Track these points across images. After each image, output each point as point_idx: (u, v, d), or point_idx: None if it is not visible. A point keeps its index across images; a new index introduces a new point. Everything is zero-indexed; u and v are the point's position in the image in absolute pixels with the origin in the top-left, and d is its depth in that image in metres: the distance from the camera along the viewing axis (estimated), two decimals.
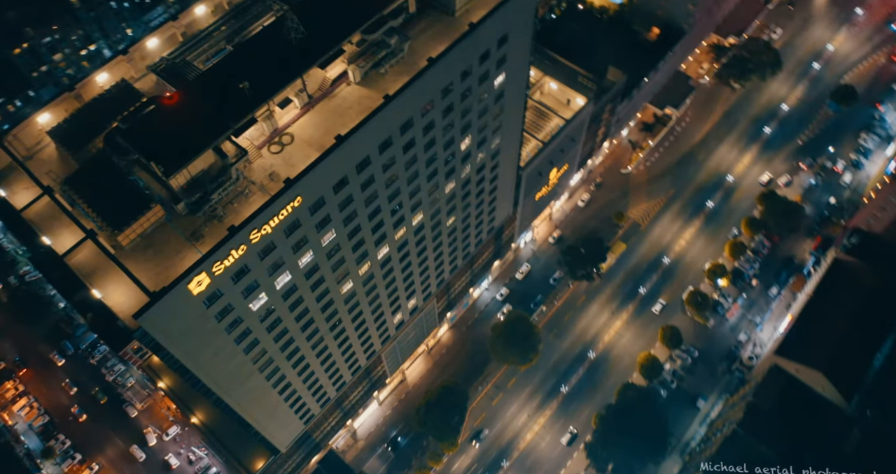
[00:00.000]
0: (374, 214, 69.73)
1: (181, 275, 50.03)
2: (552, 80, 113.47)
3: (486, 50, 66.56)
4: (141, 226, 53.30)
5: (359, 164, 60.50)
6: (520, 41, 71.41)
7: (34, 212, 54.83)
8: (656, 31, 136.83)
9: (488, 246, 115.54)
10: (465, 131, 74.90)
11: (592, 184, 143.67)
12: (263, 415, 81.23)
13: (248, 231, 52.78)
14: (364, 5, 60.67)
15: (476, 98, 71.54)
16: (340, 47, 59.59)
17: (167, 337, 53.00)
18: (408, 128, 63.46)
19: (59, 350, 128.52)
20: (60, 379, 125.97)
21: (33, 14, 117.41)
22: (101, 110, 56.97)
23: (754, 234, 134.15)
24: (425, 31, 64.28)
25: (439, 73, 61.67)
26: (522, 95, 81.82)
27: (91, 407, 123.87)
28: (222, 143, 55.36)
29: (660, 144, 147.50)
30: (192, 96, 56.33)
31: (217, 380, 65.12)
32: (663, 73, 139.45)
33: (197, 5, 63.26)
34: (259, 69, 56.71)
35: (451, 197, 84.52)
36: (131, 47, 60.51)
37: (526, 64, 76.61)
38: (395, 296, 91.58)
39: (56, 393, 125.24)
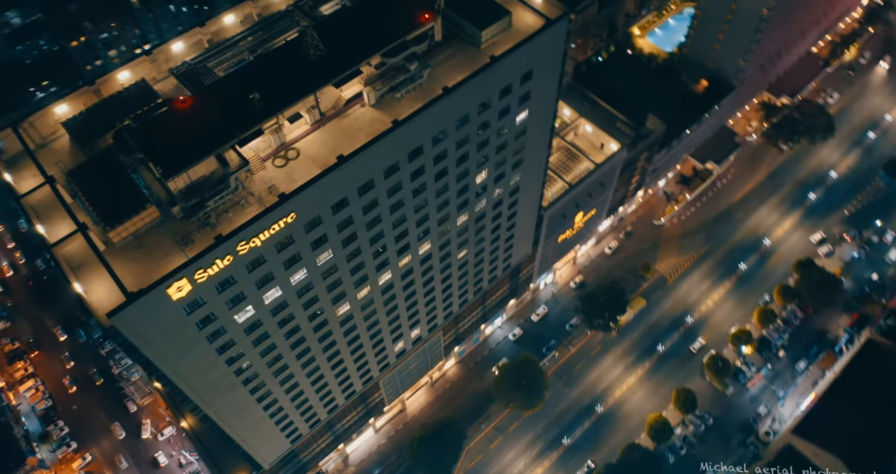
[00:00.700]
0: (377, 239, 68.52)
1: (160, 279, 49.53)
2: (588, 123, 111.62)
3: (508, 85, 65.42)
4: (134, 225, 53.22)
5: (361, 187, 59.59)
6: (546, 79, 70.10)
7: (36, 199, 55.45)
8: (704, 84, 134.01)
9: (503, 283, 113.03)
10: (481, 165, 73.51)
11: (622, 233, 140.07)
12: (245, 429, 79.84)
13: (235, 242, 52.12)
14: (387, 28, 60.46)
15: (495, 132, 70.25)
16: (358, 68, 59.26)
17: (142, 339, 52.36)
18: (417, 156, 62.43)
19: (71, 337, 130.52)
20: (68, 366, 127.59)
21: (94, 9, 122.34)
22: (117, 107, 57.73)
23: (787, 303, 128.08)
24: (448, 60, 63.59)
25: (454, 104, 60.69)
26: (547, 134, 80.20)
27: (92, 396, 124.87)
28: (226, 152, 55.25)
29: (697, 199, 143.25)
30: (204, 102, 56.62)
31: (195, 389, 64.16)
32: (707, 126, 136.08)
33: (226, 14, 64.19)
34: (273, 82, 56.73)
35: (462, 229, 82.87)
36: (156, 49, 61.50)
37: (552, 103, 75.14)
38: (396, 323, 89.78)
39: (62, 379, 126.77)
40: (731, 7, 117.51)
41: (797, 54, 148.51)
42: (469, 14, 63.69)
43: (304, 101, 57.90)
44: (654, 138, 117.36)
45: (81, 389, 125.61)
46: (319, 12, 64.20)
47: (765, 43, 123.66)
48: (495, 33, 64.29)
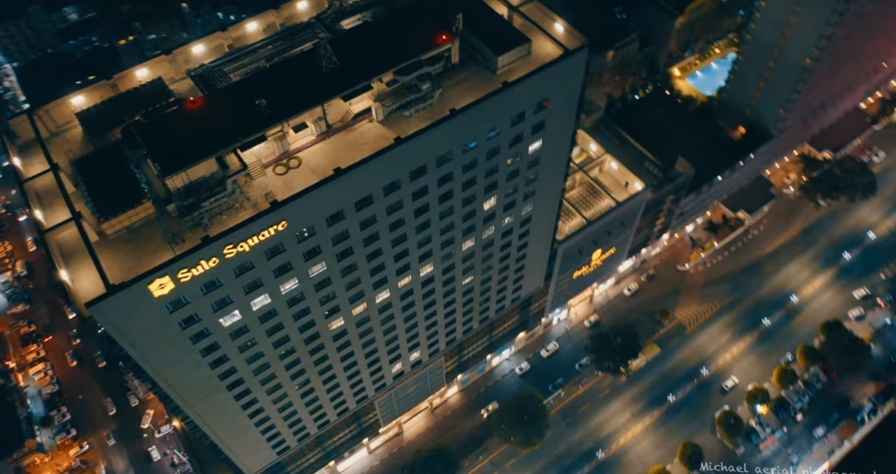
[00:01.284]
0: (374, 256, 67.83)
1: (142, 275, 49.64)
2: (614, 160, 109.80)
3: (521, 112, 64.60)
4: (129, 219, 53.67)
5: (359, 202, 59.17)
6: (562, 110, 69.07)
7: (41, 185, 56.49)
8: (742, 131, 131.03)
9: (512, 315, 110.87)
10: (489, 191, 72.49)
11: (644, 275, 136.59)
12: (229, 435, 79.14)
13: (221, 244, 52.02)
14: (403, 46, 60.54)
15: (505, 159, 69.30)
16: (369, 84, 59.30)
17: (120, 333, 52.38)
18: (419, 176, 61.81)
19: (84, 324, 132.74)
20: (80, 353, 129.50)
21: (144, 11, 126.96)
22: (131, 103, 58.86)
23: (810, 365, 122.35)
24: (462, 83, 63.23)
25: (461, 127, 60.08)
26: (562, 166, 78.83)
27: (98, 386, 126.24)
28: (227, 155, 55.57)
29: (725, 248, 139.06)
30: (213, 104, 57.32)
31: (177, 388, 63.87)
32: (742, 174, 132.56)
33: (249, 21, 65.30)
34: (282, 91, 57.17)
35: (468, 255, 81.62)
36: (176, 49, 62.78)
37: (569, 134, 73.92)
38: (394, 344, 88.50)
39: (71, 365, 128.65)
40: (774, 55, 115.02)
41: (843, 109, 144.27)
42: (488, 39, 63.36)
43: (311, 111, 58.05)
44: (682, 181, 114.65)
45: (88, 378, 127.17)
46: (340, 26, 64.77)
47: (808, 94, 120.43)
48: (513, 60, 63.73)
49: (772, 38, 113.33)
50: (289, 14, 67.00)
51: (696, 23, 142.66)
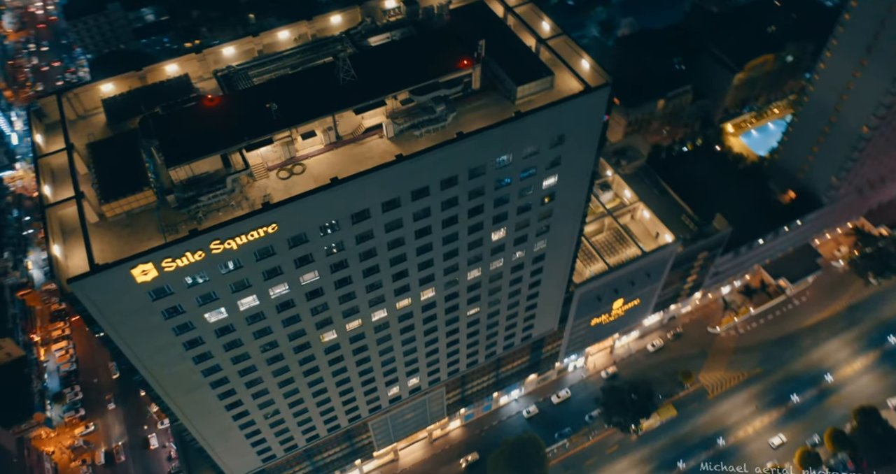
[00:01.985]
0: (371, 272, 67.30)
1: (125, 259, 50.55)
2: (647, 209, 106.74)
3: (535, 145, 63.54)
4: (129, 204, 55.04)
5: (355, 215, 59.01)
6: (581, 148, 67.66)
7: (57, 163, 58.68)
8: (791, 195, 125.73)
9: (522, 354, 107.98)
10: (499, 222, 71.26)
11: (671, 333, 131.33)
12: (211, 433, 78.97)
13: (208, 239, 52.54)
14: (423, 67, 60.81)
15: (516, 191, 68.16)
16: (382, 100, 59.64)
17: (101, 313, 53.25)
18: (421, 196, 61.28)
19: None
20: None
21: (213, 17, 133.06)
22: (155, 95, 60.94)
23: (838, 451, 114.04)
24: (479, 109, 62.85)
25: (467, 151, 59.51)
26: (580, 206, 76.93)
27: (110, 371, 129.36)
28: (232, 154, 56.54)
29: (761, 315, 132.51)
30: (229, 104, 58.72)
31: (158, 378, 64.32)
32: (787, 240, 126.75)
33: (281, 30, 67.06)
34: (296, 98, 58.07)
35: (474, 285, 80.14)
36: (207, 49, 64.90)
37: (588, 174, 72.23)
38: (391, 367, 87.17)
39: (91, 347, 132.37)
40: (831, 119, 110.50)
41: None
42: (510, 68, 63.00)
43: (322, 120, 58.67)
44: (718, 239, 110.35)
45: (105, 362, 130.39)
46: (367, 43, 65.70)
47: (864, 164, 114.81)
48: (534, 92, 63.05)
49: (829, 102, 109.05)
50: (321, 26, 68.49)
51: (757, 81, 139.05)
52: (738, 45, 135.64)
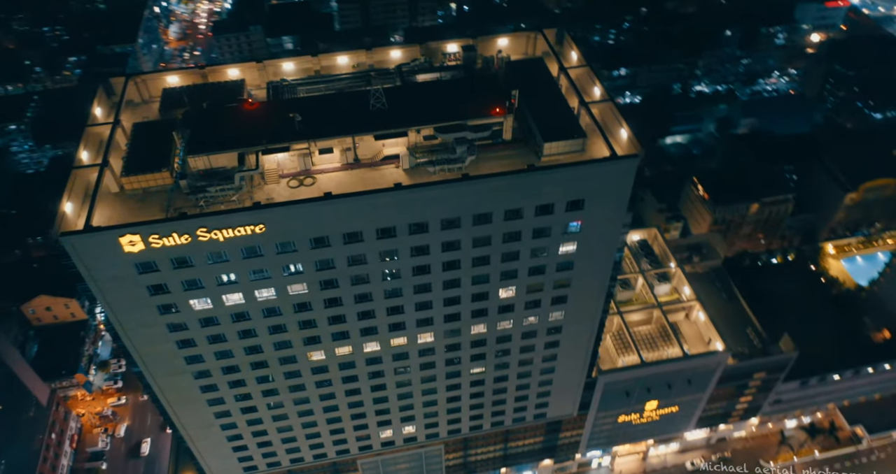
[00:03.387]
0: (363, 299, 66.77)
1: (114, 226, 53.69)
2: (702, 311, 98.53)
3: (549, 205, 61.11)
4: (146, 181, 58.77)
5: (347, 234, 59.22)
6: (604, 219, 64.19)
7: (104, 135, 63.75)
8: (886, 335, 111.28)
9: (535, 432, 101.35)
10: (507, 279, 68.60)
11: (717, 455, 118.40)
12: (192, 425, 79.96)
13: (195, 224, 54.63)
14: (454, 107, 61.13)
15: (527, 250, 65.52)
16: (404, 131, 60.37)
17: (89, 274, 56.41)
18: (419, 231, 60.45)
19: None
20: None
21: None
22: (209, 92, 65.56)
23: None
24: (503, 159, 61.74)
25: (471, 195, 58.35)
26: (604, 284, 72.40)
27: None
28: (250, 154, 59.18)
29: (826, 462, 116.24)
30: (264, 110, 61.97)
31: (140, 352, 66.53)
32: (871, 384, 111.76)
33: (341, 55, 70.39)
34: (323, 115, 60.44)
35: (478, 341, 77.02)
36: (268, 61, 69.31)
37: (613, 250, 68.12)
38: (383, 406, 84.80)
39: None
40: None
41: None
42: (543, 124, 61.72)
43: (341, 140, 60.18)
44: (780, 362, 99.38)
45: None
46: (414, 78, 67.30)
47: None
48: (562, 151, 61.16)
49: None
50: (379, 58, 71.14)
51: (874, 205, 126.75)
52: (857, 164, 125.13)
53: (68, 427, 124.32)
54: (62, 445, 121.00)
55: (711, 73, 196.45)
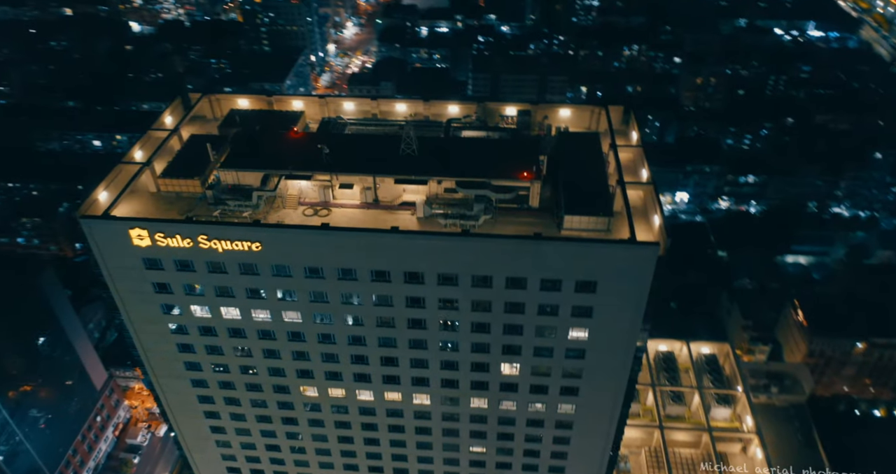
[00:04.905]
0: (356, 342, 65.14)
1: (127, 217, 56.95)
2: (763, 449, 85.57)
3: (556, 281, 56.64)
4: (178, 186, 62.12)
5: (342, 270, 58.43)
6: (622, 312, 58.33)
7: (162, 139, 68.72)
8: None
9: None
10: (509, 354, 63.93)
11: None
12: (189, 433, 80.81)
13: (197, 230, 56.49)
14: (481, 165, 59.67)
15: (531, 327, 60.87)
16: (423, 179, 59.60)
17: (102, 257, 59.79)
18: (414, 281, 58.29)
19: None
20: None
21: None
22: (267, 118, 69.11)
23: None
24: (521, 225, 58.46)
25: (468, 253, 55.62)
26: (620, 385, 65.07)
27: None
28: (274, 177, 61.03)
29: None
30: (304, 140, 64.18)
31: (144, 348, 69.01)
32: None
33: (399, 102, 71.72)
34: (352, 152, 61.47)
35: (478, 417, 71.86)
36: (331, 98, 72.18)
37: (631, 347, 61.38)
38: (377, 463, 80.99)
39: None
40: None
41: None
42: (570, 196, 58.18)
43: (362, 178, 60.48)
44: None
45: None
46: (458, 133, 66.90)
47: None
48: (584, 227, 56.96)
49: None
50: (436, 111, 71.52)
51: None
52: None
53: (116, 414, 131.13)
54: (105, 430, 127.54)
55: (854, 196, 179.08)
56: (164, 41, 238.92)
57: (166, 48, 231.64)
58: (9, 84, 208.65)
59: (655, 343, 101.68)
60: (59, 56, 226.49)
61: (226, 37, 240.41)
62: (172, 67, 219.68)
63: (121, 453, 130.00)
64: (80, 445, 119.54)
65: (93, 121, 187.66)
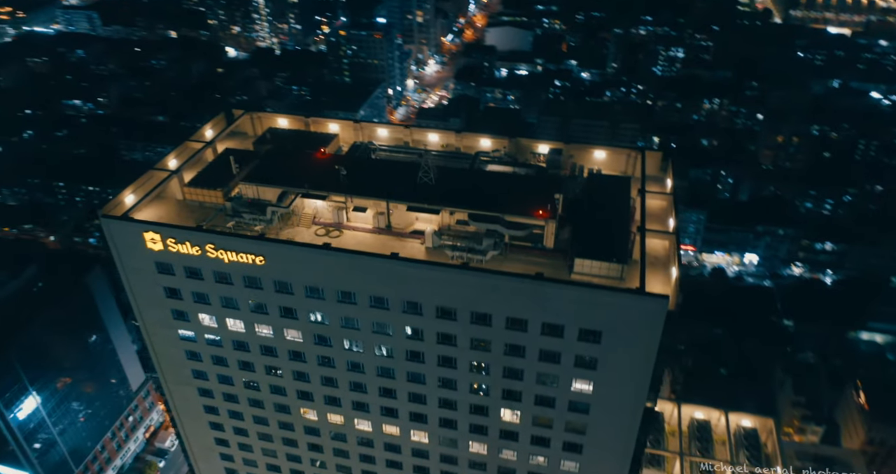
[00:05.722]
0: (355, 368, 63.61)
1: (144, 221, 58.45)
2: None
3: (558, 326, 53.48)
4: (201, 195, 63.39)
5: (341, 292, 57.55)
6: (629, 367, 54.25)
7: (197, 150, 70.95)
8: None
9: None
10: (509, 400, 60.63)
11: None
12: (196, 442, 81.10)
13: (205, 238, 57.19)
14: (497, 199, 57.89)
15: (532, 373, 57.58)
16: (435, 208, 58.34)
17: (118, 257, 61.45)
18: (413, 312, 56.52)
19: None
20: None
21: None
22: (301, 138, 70.21)
23: None
24: (531, 264, 55.92)
25: (466, 287, 53.39)
26: (629, 445, 60.16)
27: None
28: (291, 194, 61.41)
29: None
30: (328, 161, 64.58)
31: (155, 350, 70.13)
32: None
33: (432, 132, 71.24)
34: (370, 176, 61.25)
35: (478, 462, 68.35)
36: (365, 123, 72.60)
37: (639, 405, 56.79)
38: None
39: None
40: None
41: None
42: (585, 238, 55.38)
43: (376, 203, 59.92)
44: None
45: None
46: (484, 167, 65.56)
47: None
48: (595, 273, 53.72)
49: None
50: (468, 144, 70.55)
51: None
52: None
53: (148, 417, 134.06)
54: (136, 430, 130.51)
55: None
56: (254, 66, 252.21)
57: (254, 73, 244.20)
58: (107, 96, 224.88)
59: (691, 409, 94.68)
60: (156, 73, 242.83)
61: (310, 66, 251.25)
62: (257, 91, 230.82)
63: (147, 455, 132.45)
64: (108, 442, 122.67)
65: (174, 136, 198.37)
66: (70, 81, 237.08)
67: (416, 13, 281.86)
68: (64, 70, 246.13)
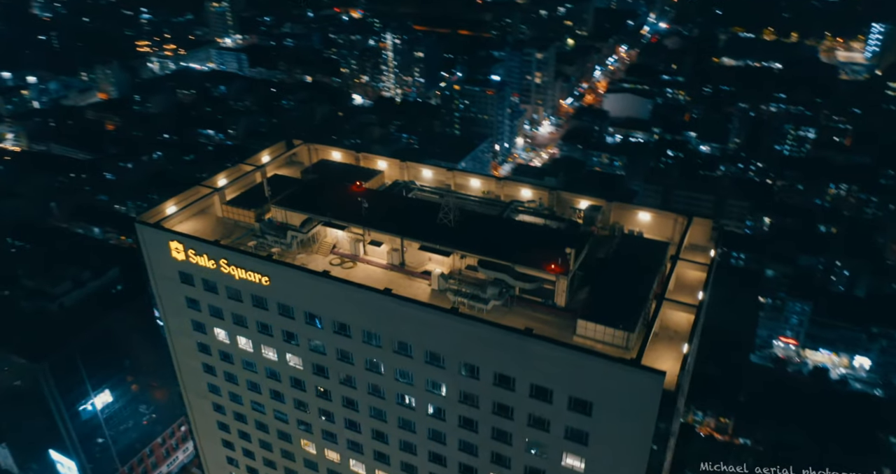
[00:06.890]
0: (350, 405, 61.91)
1: (171, 230, 61.35)
2: None
3: (546, 390, 48.96)
4: (236, 214, 65.92)
5: (337, 324, 56.64)
6: (623, 443, 48.48)
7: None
8: None
9: None
10: (498, 463, 55.99)
11: None
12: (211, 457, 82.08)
13: (220, 253, 58.79)
14: (511, 248, 55.28)
15: (521, 438, 52.96)
16: (446, 250, 56.56)
17: (150, 263, 64.78)
18: (402, 353, 54.28)
19: None
20: None
21: None
22: (348, 172, 71.31)
23: None
24: (535, 320, 52.33)
25: (455, 334, 50.52)
26: None
27: None
28: (314, 221, 62.20)
29: None
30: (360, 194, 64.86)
31: (178, 358, 72.42)
32: None
33: (475, 177, 69.83)
34: (391, 212, 61.02)
35: None
36: (412, 163, 72.73)
37: None
38: None
39: None
40: None
41: None
42: (594, 301, 51.20)
43: (392, 239, 59.18)
44: None
45: None
46: (514, 216, 63.21)
47: None
48: (600, 338, 49.13)
49: None
50: (508, 192, 68.47)
51: None
52: None
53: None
54: (187, 440, 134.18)
55: None
56: (373, 113, 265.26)
57: (371, 119, 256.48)
58: (236, 128, 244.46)
59: None
60: (284, 112, 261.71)
61: (424, 116, 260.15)
62: (370, 135, 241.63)
63: (194, 468, 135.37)
64: (157, 448, 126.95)
65: None
66: (209, 113, 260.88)
67: (535, 75, 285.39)
68: (206, 102, 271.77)
